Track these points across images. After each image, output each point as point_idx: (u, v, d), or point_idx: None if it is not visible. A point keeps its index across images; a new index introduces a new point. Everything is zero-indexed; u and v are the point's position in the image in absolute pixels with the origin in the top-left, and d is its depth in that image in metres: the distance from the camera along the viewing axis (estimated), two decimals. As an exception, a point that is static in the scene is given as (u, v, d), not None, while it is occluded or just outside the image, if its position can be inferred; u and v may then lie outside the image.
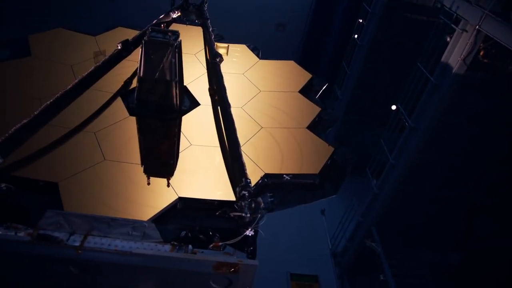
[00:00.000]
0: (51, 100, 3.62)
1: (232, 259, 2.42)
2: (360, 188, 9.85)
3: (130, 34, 4.94)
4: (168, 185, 3.45)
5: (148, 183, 3.47)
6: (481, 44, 6.23)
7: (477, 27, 6.00)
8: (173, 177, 3.52)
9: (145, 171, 3.63)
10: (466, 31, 6.29)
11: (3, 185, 3.04)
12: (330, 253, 11.20)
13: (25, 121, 3.34)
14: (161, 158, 4.09)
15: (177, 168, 3.67)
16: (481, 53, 6.34)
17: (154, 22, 5.40)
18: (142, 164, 3.70)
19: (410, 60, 8.85)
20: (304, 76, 5.62)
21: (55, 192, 3.18)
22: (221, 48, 5.82)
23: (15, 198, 3.08)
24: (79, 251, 2.38)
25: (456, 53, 6.43)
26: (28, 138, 3.33)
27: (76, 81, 3.96)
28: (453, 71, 6.45)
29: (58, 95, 3.70)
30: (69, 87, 3.84)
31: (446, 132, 7.59)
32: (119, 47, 4.61)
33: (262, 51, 6.29)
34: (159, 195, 3.28)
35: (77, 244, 2.58)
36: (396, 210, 8.77)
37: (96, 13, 13.40)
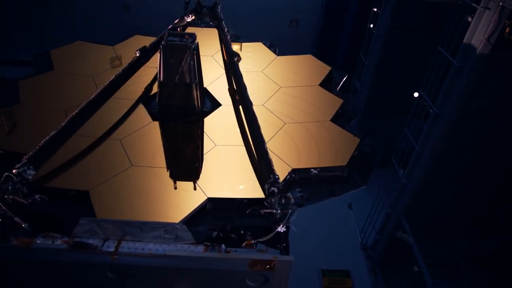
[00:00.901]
0: (76, 111, 3.68)
1: (267, 256, 2.40)
2: (385, 179, 9.67)
3: (147, 41, 4.97)
4: (195, 188, 3.45)
5: (175, 187, 3.48)
6: (506, 21, 5.99)
7: (500, 3, 5.79)
8: (200, 178, 3.53)
9: (171, 176, 3.64)
10: (489, 9, 6.06)
11: (37, 196, 3.09)
12: (360, 247, 11.03)
13: (53, 133, 3.41)
14: (186, 161, 4.10)
15: (204, 169, 3.68)
16: (507, 30, 6.09)
17: (169, 27, 5.43)
18: (168, 168, 3.72)
19: (430, 46, 8.64)
20: (323, 69, 5.55)
21: (86, 200, 3.23)
22: (237, 47, 5.80)
23: (49, 208, 3.14)
24: (115, 256, 2.40)
25: (479, 32, 6.21)
26: (57, 149, 3.39)
27: (99, 91, 4.01)
28: (477, 51, 6.24)
29: (82, 106, 3.76)
30: (92, 97, 3.89)
31: (472, 115, 7.37)
32: (137, 55, 4.65)
33: (278, 49, 6.26)
34: (188, 197, 3.29)
35: (112, 249, 2.60)
36: (426, 199, 8.57)
37: (111, 24, 13.60)
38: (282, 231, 2.96)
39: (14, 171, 3.03)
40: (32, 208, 3.06)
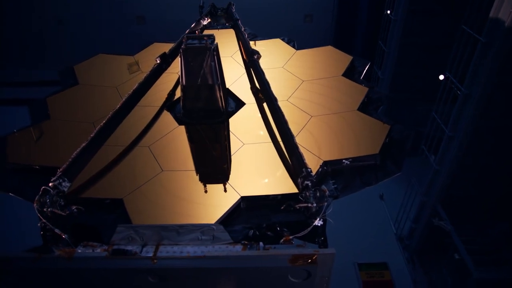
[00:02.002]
0: (104, 122, 3.72)
1: (308, 250, 2.35)
2: (416, 167, 9.42)
3: (166, 47, 5.00)
4: (225, 190, 3.42)
5: (205, 191, 3.46)
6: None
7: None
8: (232, 178, 3.51)
9: (200, 179, 3.63)
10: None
11: (73, 207, 3.14)
12: (395, 238, 10.81)
13: (83, 144, 3.46)
14: (214, 163, 4.08)
15: (234, 169, 3.65)
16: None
17: (186, 32, 5.46)
18: (197, 172, 3.71)
19: (451, 27, 8.39)
20: (344, 59, 5.46)
21: (121, 208, 3.26)
22: (256, 45, 5.78)
23: (86, 218, 3.18)
24: (155, 261, 2.40)
25: (506, 4, 5.97)
26: (89, 160, 3.43)
27: (123, 100, 4.05)
28: (506, 24, 5.97)
29: (109, 116, 3.81)
30: (118, 107, 3.93)
31: (504, 94, 7.08)
32: (158, 61, 4.68)
33: (296, 45, 6.19)
34: (221, 198, 3.28)
35: (150, 255, 2.61)
36: (461, 184, 8.30)
37: (127, 36, 13.84)
38: (319, 224, 2.90)
39: (50, 184, 3.09)
40: (70, 219, 3.11)
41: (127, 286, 2.60)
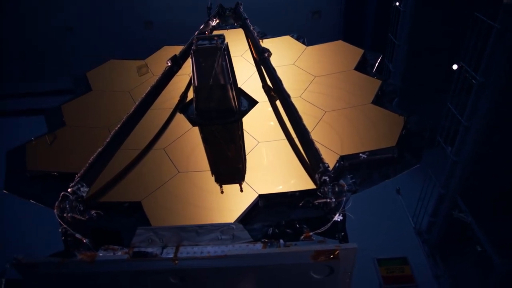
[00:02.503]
0: (118, 126, 3.74)
1: (330, 246, 2.32)
2: (432, 159, 9.27)
3: (176, 50, 5.01)
4: (242, 190, 3.41)
5: (222, 192, 3.45)
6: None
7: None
8: (249, 176, 3.50)
9: (216, 180, 3.62)
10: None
11: (93, 212, 3.16)
12: (414, 232, 10.66)
13: (100, 149, 3.49)
14: (229, 164, 4.06)
15: (250, 167, 3.64)
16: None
17: (196, 33, 5.46)
18: (212, 173, 3.71)
19: (462, 15, 8.22)
20: (356, 53, 5.40)
21: (140, 211, 3.27)
22: (265, 43, 5.75)
23: (106, 222, 3.20)
24: (176, 262, 2.40)
25: (520, -10, 5.85)
26: (106, 165, 3.46)
27: (137, 104, 4.07)
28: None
29: (123, 120, 3.83)
30: (131, 111, 3.95)
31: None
32: (169, 64, 4.69)
33: (306, 41, 6.15)
34: (239, 197, 3.27)
35: (171, 256, 2.61)
36: (480, 174, 8.14)
37: (136, 42, 13.94)
38: (339, 220, 2.87)
39: (69, 190, 3.12)
40: (90, 224, 3.13)
41: (149, 286, 2.61)
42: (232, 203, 3.24)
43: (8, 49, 14.56)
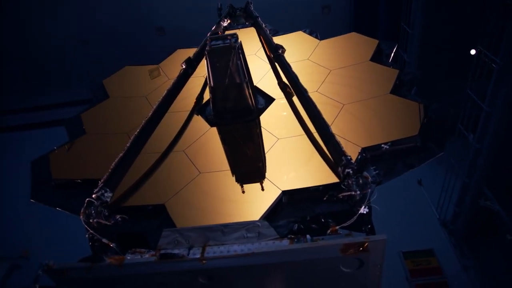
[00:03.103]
0: (138, 131, 3.78)
1: (358, 238, 2.28)
2: (453, 148, 9.08)
3: (190, 53, 5.03)
4: (265, 186, 3.39)
5: (243, 191, 3.44)
6: None
7: None
8: (270, 173, 3.48)
9: (237, 180, 3.60)
10: None
11: (118, 216, 3.19)
12: (439, 223, 10.46)
13: (121, 154, 3.52)
14: (249, 163, 4.04)
15: (272, 164, 3.62)
16: None
17: (208, 35, 5.46)
18: (233, 174, 3.70)
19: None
20: (370, 44, 5.33)
21: (164, 213, 3.29)
22: (278, 40, 5.72)
23: (131, 226, 3.23)
24: (204, 261, 2.39)
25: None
26: (128, 169, 3.49)
27: (154, 108, 4.09)
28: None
29: (142, 125, 3.86)
30: (149, 115, 3.98)
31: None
32: (184, 67, 4.71)
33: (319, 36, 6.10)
34: (262, 194, 3.25)
35: (198, 256, 2.61)
36: (505, 160, 7.93)
37: (149, 48, 14.05)
38: (365, 212, 2.83)
39: (93, 196, 3.15)
40: (116, 228, 3.16)
41: (178, 287, 2.61)
42: (255, 201, 3.22)
43: (26, 64, 14.88)
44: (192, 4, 13.98)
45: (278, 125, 4.15)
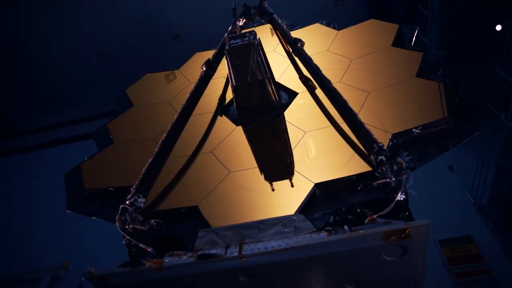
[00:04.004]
0: (165, 135, 3.80)
1: (399, 225, 2.21)
2: (484, 129, 8.77)
3: (209, 54, 5.03)
4: (297, 180, 3.34)
5: (273, 189, 3.40)
6: None
7: None
8: (301, 167, 3.43)
9: (266, 178, 3.58)
10: None
11: (152, 221, 3.22)
12: (475, 208, 10.14)
13: (150, 160, 3.55)
14: (277, 160, 4.01)
15: (301, 158, 3.58)
16: None
17: (225, 36, 5.46)
18: (261, 172, 3.67)
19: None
20: (390, 29, 5.20)
21: (197, 214, 3.29)
22: (296, 34, 5.67)
23: (166, 229, 3.25)
24: (243, 259, 2.37)
25: None
26: (158, 174, 3.51)
27: (179, 112, 4.11)
28: None
29: (168, 129, 3.88)
30: (174, 119, 4.00)
31: None
32: (204, 69, 4.71)
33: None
34: (295, 189, 3.22)
35: (236, 255, 2.59)
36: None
37: (167, 55, 14.20)
38: (401, 199, 2.76)
39: (127, 202, 3.19)
40: (151, 232, 3.19)
41: (219, 287, 2.60)
42: (289, 196, 3.19)
43: (52, 83, 15.30)
44: (206, 8, 14.06)
45: (304, 118, 4.10)
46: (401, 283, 2.46)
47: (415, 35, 5.12)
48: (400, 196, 2.73)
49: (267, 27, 6.44)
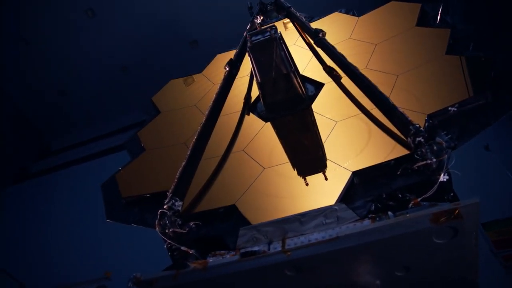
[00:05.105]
0: (195, 138, 3.82)
1: (447, 206, 2.12)
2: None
3: (231, 55, 5.03)
4: (326, 178, 3.28)
5: (307, 184, 3.35)
6: None
7: None
8: (336, 156, 3.37)
9: (299, 173, 3.53)
10: None
11: (191, 223, 3.23)
12: (516, 188, 9.73)
13: (184, 163, 3.57)
14: (309, 153, 3.95)
15: (335, 147, 3.51)
16: None
17: (245, 34, 5.45)
18: (293, 166, 3.63)
19: None
20: (413, 9, 5.05)
21: (236, 213, 3.28)
22: (316, 25, 5.60)
23: (206, 230, 3.26)
24: (288, 253, 2.33)
25: None
26: (193, 176, 3.53)
27: (207, 113, 4.12)
28: None
29: (198, 131, 3.90)
30: (203, 121, 4.01)
31: None
32: (227, 69, 4.71)
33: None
34: (332, 179, 3.16)
35: (279, 250, 2.56)
36: None
37: (187, 61, 14.32)
38: (445, 180, 2.66)
39: (165, 207, 3.22)
40: (191, 235, 3.20)
41: (265, 283, 2.57)
42: (327, 187, 3.13)
43: (75, 101, 15.73)
44: (220, 11, 14.09)
45: (334, 108, 4.03)
46: (454, 266, 2.37)
47: (439, 12, 4.95)
48: (443, 177, 2.64)
49: (281, 23, 6.39)
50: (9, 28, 14.03)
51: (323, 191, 3.09)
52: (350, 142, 3.50)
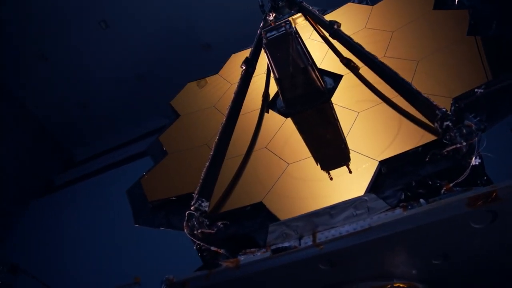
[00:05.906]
0: (217, 138, 3.82)
1: (483, 189, 2.05)
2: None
3: (246, 53, 5.01)
4: (350, 171, 3.22)
5: (331, 178, 3.30)
6: None
7: None
8: (361, 146, 3.31)
9: (322, 168, 3.48)
10: None
11: (219, 223, 3.23)
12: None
13: (207, 164, 3.58)
14: (332, 146, 3.90)
15: (360, 138, 3.46)
16: None
17: (259, 31, 5.42)
18: (316, 161, 3.58)
19: None
20: (429, -8, 4.92)
21: (263, 210, 3.27)
22: (329, 17, 5.53)
23: (235, 229, 3.25)
24: (321, 247, 2.30)
25: None
26: (217, 176, 3.53)
27: (227, 113, 4.12)
28: None
29: (220, 131, 3.89)
30: (224, 120, 4.01)
31: None
32: (244, 67, 4.69)
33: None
34: (358, 170, 3.11)
35: (310, 244, 2.53)
36: None
37: (200, 65, 14.38)
38: (477, 163, 2.58)
39: (192, 208, 3.22)
40: (220, 234, 3.20)
41: (298, 279, 2.55)
42: (354, 178, 3.08)
43: (96, 113, 16.00)
44: (230, 13, 14.10)
45: (354, 99, 3.97)
46: (495, 252, 2.28)
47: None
48: (475, 161, 2.56)
49: (291, 19, 6.32)
50: (30, 47, 14.40)
51: (351, 182, 3.04)
52: (374, 132, 3.44)
